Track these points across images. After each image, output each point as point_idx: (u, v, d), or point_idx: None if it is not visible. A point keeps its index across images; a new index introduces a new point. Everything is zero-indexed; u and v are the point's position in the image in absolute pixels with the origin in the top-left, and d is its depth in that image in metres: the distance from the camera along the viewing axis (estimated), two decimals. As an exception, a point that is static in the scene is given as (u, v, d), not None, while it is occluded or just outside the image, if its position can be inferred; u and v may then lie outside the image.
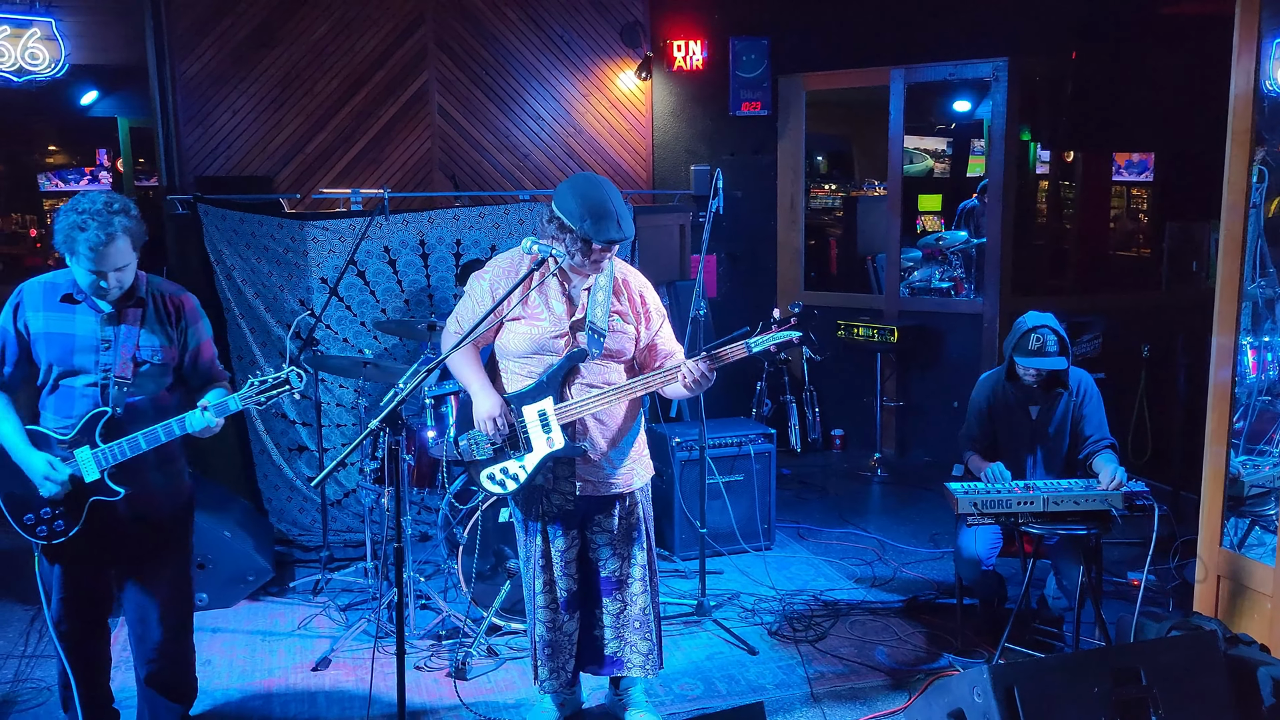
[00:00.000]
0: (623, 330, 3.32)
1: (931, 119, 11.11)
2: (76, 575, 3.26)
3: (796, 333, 3.11)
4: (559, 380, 3.28)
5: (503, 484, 3.34)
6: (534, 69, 7.00)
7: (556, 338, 3.28)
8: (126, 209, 3.01)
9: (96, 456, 3.08)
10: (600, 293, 3.30)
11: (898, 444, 7.34)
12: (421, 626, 4.46)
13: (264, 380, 3.09)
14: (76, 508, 3.12)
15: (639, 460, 3.46)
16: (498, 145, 6.97)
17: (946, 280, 8.33)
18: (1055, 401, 4.17)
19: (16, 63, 6.10)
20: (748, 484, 5.34)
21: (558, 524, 3.40)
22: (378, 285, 5.66)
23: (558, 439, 3.28)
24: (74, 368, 3.10)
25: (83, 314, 3.11)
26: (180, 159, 6.43)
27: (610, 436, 3.33)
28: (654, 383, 3.26)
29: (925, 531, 5.69)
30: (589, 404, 3.25)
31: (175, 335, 3.23)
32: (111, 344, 3.11)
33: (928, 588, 4.91)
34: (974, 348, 7.00)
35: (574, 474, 3.33)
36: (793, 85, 7.44)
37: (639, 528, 3.44)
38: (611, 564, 3.43)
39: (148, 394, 3.18)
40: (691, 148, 7.41)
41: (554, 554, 3.42)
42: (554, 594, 3.45)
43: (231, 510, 5.15)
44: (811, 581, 5.03)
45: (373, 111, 6.71)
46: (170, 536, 3.34)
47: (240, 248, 5.56)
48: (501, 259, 3.40)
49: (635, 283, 3.40)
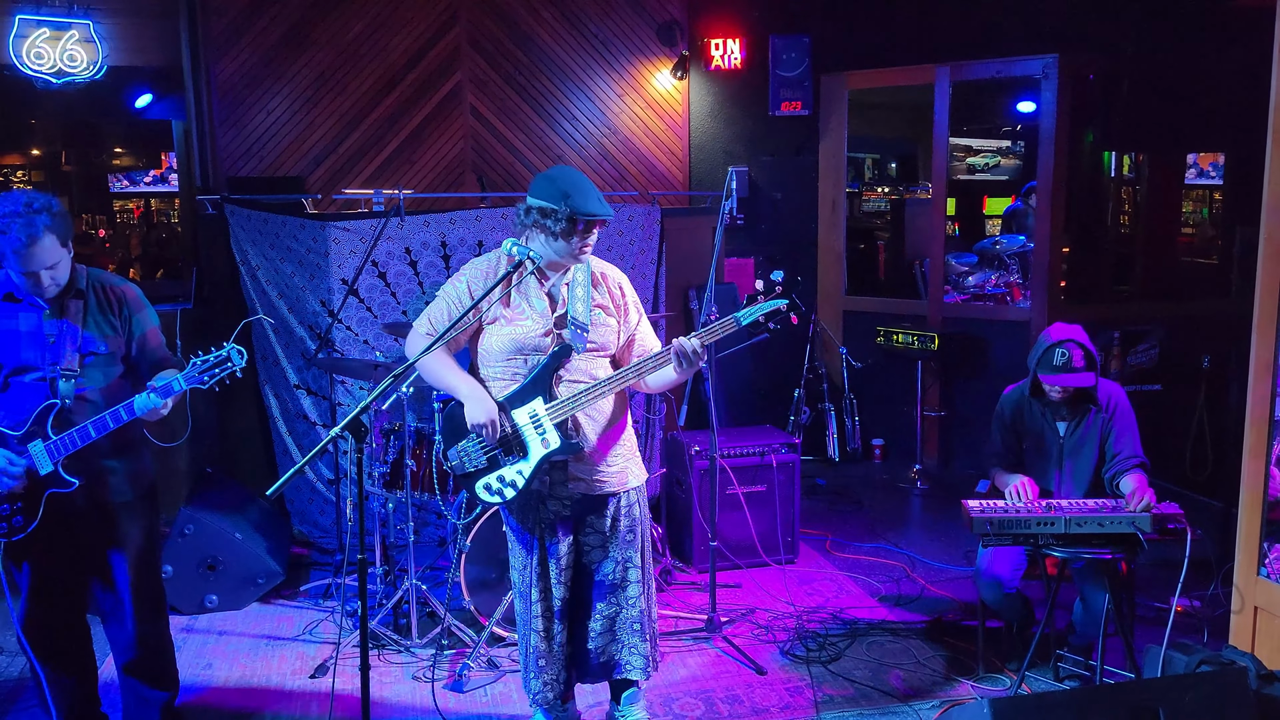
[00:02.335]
0: (605, 323, 3.26)
1: (998, 119, 10.77)
2: (43, 571, 3.28)
3: (782, 300, 3.08)
4: (547, 379, 3.17)
5: (500, 493, 3.24)
6: (568, 69, 6.90)
7: (543, 335, 3.19)
8: (48, 207, 3.04)
9: (49, 449, 3.10)
10: (580, 287, 3.22)
11: (940, 455, 7.07)
12: (426, 634, 4.37)
13: (205, 360, 3.10)
14: (33, 502, 3.14)
15: (631, 459, 3.37)
16: (531, 146, 6.89)
17: (1001, 285, 8.04)
18: (1084, 417, 3.92)
19: (55, 65, 6.18)
20: (770, 495, 5.15)
21: (554, 530, 3.28)
22: (399, 287, 5.61)
23: (553, 439, 3.17)
24: (22, 364, 3.14)
25: (25, 311, 3.16)
26: (215, 160, 6.47)
27: (602, 433, 3.24)
28: (646, 369, 3.17)
29: (959, 547, 5.44)
30: (581, 399, 3.15)
31: (119, 324, 3.27)
32: (56, 338, 3.15)
33: (954, 608, 4.68)
34: (1020, 356, 6.64)
35: (568, 476, 3.24)
36: (835, 84, 7.23)
37: (635, 529, 3.34)
38: (606, 566, 3.32)
39: (97, 385, 3.21)
40: (729, 149, 7.24)
41: (550, 562, 3.30)
42: (549, 603, 3.34)
43: (248, 511, 5.14)
44: (832, 598, 4.83)
45: (405, 112, 6.67)
46: (133, 523, 3.35)
47: (264, 248, 5.55)
48: (479, 261, 3.35)
49: (614, 276, 3.35)
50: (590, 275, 3.26)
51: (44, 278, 3.07)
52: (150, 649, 3.46)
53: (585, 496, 3.27)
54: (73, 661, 3.43)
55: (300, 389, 5.64)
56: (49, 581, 3.29)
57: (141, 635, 3.41)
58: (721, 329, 3.09)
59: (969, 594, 4.81)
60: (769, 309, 3.08)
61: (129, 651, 3.43)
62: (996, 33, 6.79)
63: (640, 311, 3.39)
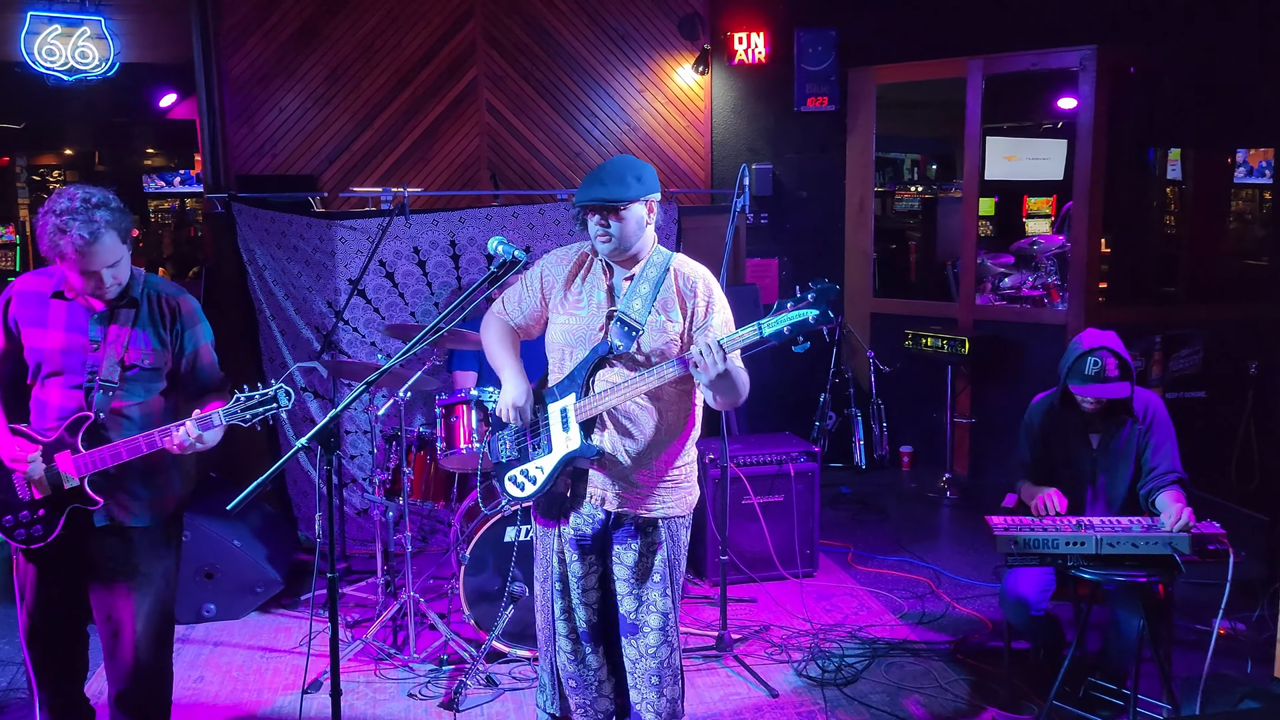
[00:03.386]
0: (662, 329, 2.91)
1: (1040, 116, 10.45)
2: (51, 583, 3.13)
3: (811, 311, 2.60)
4: (583, 375, 2.97)
5: (522, 486, 3.08)
6: (587, 64, 6.72)
7: (597, 330, 2.98)
8: (106, 202, 2.87)
9: (77, 463, 2.94)
10: (645, 284, 2.95)
11: (971, 464, 6.80)
12: (424, 649, 4.21)
13: (250, 397, 2.92)
14: (54, 515, 2.98)
15: (670, 487, 3.00)
16: (549, 144, 6.72)
17: (1038, 287, 7.76)
18: (1118, 428, 3.67)
19: (68, 61, 6.10)
20: (787, 505, 4.94)
21: (574, 544, 3.07)
22: (406, 287, 5.46)
23: (574, 438, 2.97)
24: (60, 368, 2.97)
25: (73, 312, 2.98)
26: (226, 158, 6.37)
27: (633, 446, 2.95)
28: (667, 373, 2.82)
29: (989, 563, 5.18)
30: (607, 399, 2.92)
31: (169, 338, 3.07)
32: (100, 344, 2.97)
33: (980, 628, 4.44)
34: (1056, 361, 6.39)
35: (590, 487, 3.01)
36: (862, 79, 6.99)
37: (661, 570, 2.98)
38: (627, 604, 3.03)
39: (136, 400, 3.03)
40: (753, 146, 7.02)
41: (571, 579, 3.10)
42: (574, 624, 3.12)
43: (248, 518, 5.01)
44: (852, 615, 4.60)
45: (419, 109, 6.53)
46: (151, 554, 3.13)
47: (271, 247, 5.42)
48: (558, 250, 3.15)
49: (691, 274, 2.97)
50: (665, 272, 2.95)
51: (105, 277, 2.89)
52: (145, 684, 3.20)
53: (609, 515, 3.02)
54: (64, 673, 3.26)
55: (307, 391, 5.50)
56: (53, 595, 3.12)
57: (139, 669, 3.16)
58: (744, 337, 2.71)
59: (996, 613, 4.56)
60: (794, 320, 2.62)
61: (123, 683, 3.18)
62: (1031, 23, 6.51)
63: (713, 312, 2.95)
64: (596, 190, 2.87)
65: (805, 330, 2.63)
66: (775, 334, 2.65)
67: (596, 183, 2.89)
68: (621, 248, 2.91)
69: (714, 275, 3.05)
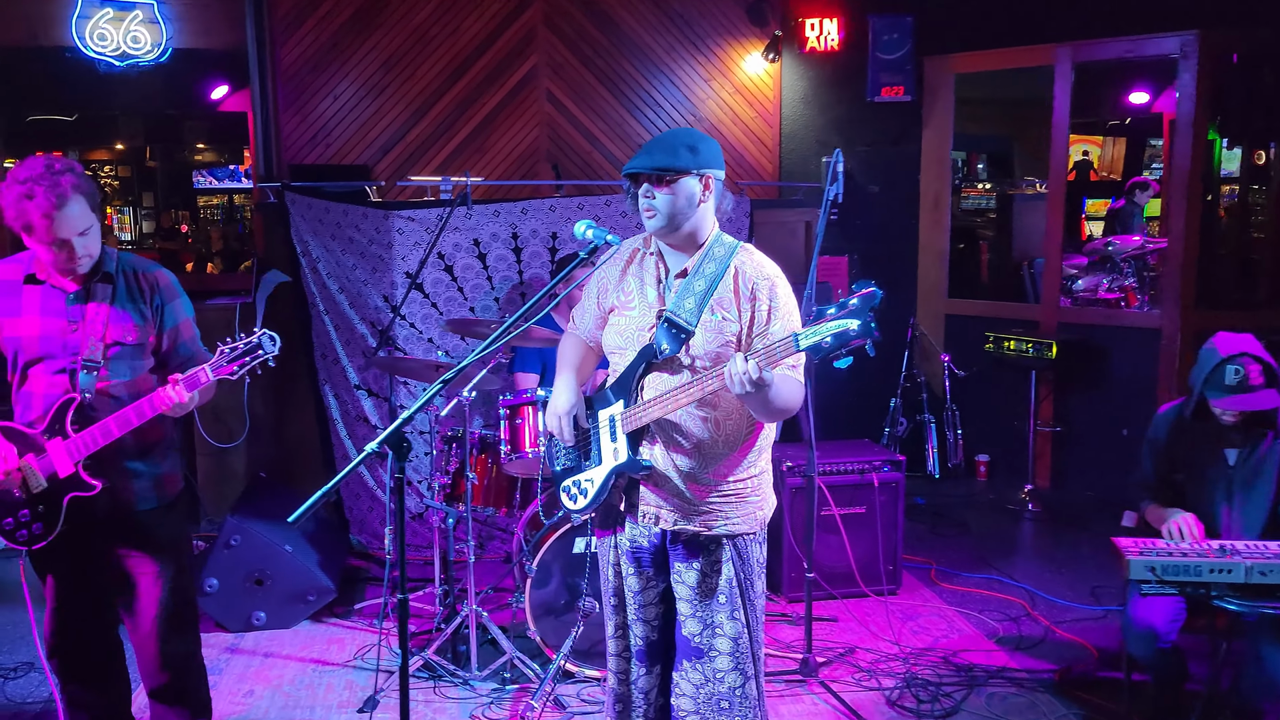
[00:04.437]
0: (718, 329, 2.59)
1: (1103, 113, 10.03)
2: (67, 585, 2.97)
3: (853, 321, 2.24)
4: (630, 380, 2.70)
5: (575, 498, 2.84)
6: (651, 51, 6.43)
7: (642, 330, 2.70)
8: (71, 168, 2.76)
9: (69, 447, 2.79)
10: (700, 280, 2.63)
11: (1053, 475, 6.43)
12: (486, 666, 3.94)
13: (234, 347, 2.79)
14: (54, 507, 2.83)
15: (734, 502, 2.69)
16: (610, 135, 6.44)
17: (1115, 289, 7.38)
18: (1259, 443, 3.32)
19: (119, 46, 5.92)
20: (870, 518, 4.62)
21: (631, 557, 2.80)
22: (466, 281, 5.20)
23: (621, 451, 2.70)
24: (40, 354, 2.84)
25: (47, 295, 2.86)
26: (279, 147, 6.16)
27: (684, 461, 2.66)
28: (708, 385, 2.50)
29: (1085, 583, 4.84)
30: (652, 410, 2.63)
31: (150, 313, 2.95)
32: (79, 324, 2.84)
33: (1086, 656, 4.09)
34: (1148, 367, 6.05)
35: (643, 501, 2.73)
36: (940, 67, 6.64)
37: (727, 591, 2.68)
38: (691, 625, 2.74)
39: (122, 378, 2.90)
40: (823, 138, 6.70)
41: (627, 594, 2.83)
42: (626, 640, 2.86)
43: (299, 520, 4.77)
44: (943, 638, 4.27)
45: (477, 98, 6.28)
46: (158, 533, 3.00)
47: (325, 239, 5.19)
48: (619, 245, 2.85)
49: (753, 271, 2.62)
50: (725, 269, 2.62)
51: (77, 246, 2.75)
52: (177, 670, 3.10)
53: (666, 532, 2.74)
54: (98, 683, 3.10)
55: (361, 390, 5.26)
56: (72, 596, 2.97)
57: (166, 656, 3.05)
58: (780, 350, 2.39)
59: (1102, 639, 4.22)
60: (835, 330, 2.27)
61: (154, 676, 3.08)
62: (1125, 7, 6.12)
63: (776, 317, 2.61)
64: (642, 158, 2.60)
65: (847, 342, 2.28)
66: (814, 347, 2.31)
67: (645, 152, 2.62)
68: (669, 226, 2.61)
69: (797, 273, 2.74)
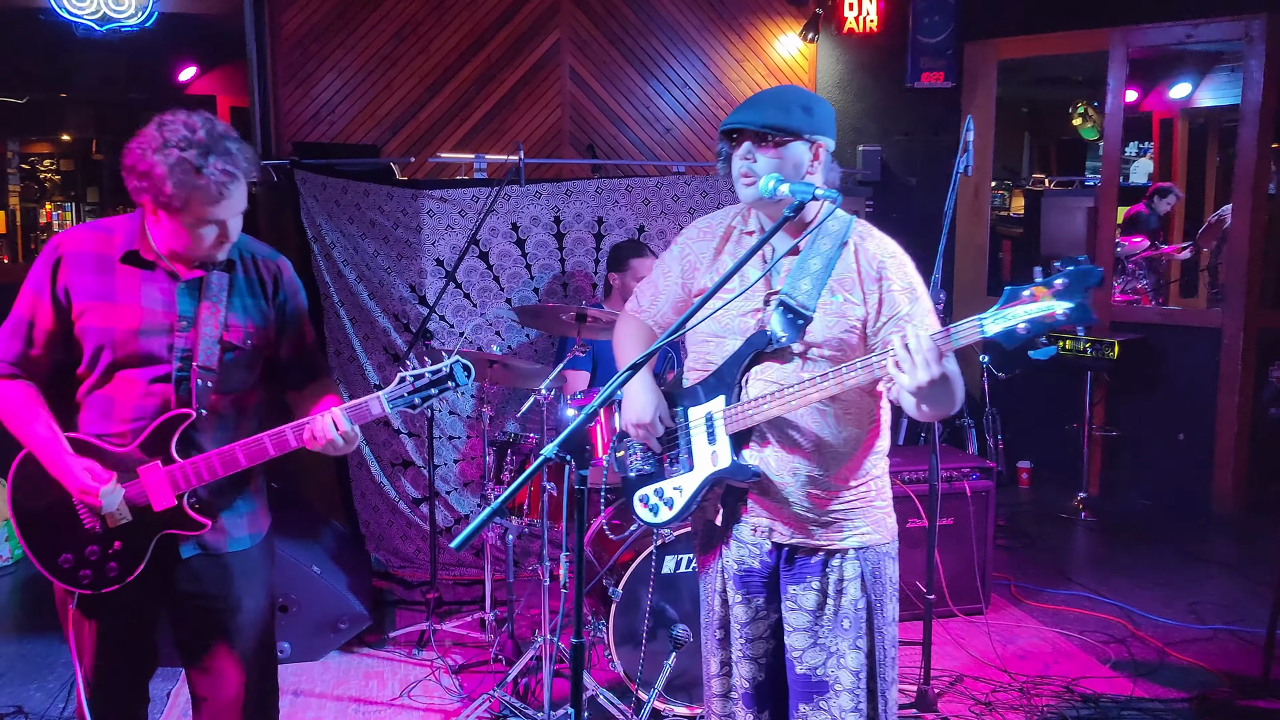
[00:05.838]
0: (840, 312, 2.22)
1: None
2: (116, 637, 2.37)
3: (1062, 304, 1.84)
4: (733, 373, 2.26)
5: (655, 509, 2.40)
6: (681, 29, 5.99)
7: (745, 315, 2.28)
8: (229, 131, 2.18)
9: (173, 476, 2.23)
10: (815, 259, 2.23)
11: (1103, 482, 6.11)
12: (557, 702, 3.44)
13: (419, 375, 2.27)
14: (138, 547, 2.25)
15: (861, 508, 2.29)
16: (636, 117, 5.98)
17: (1128, 291, 7.17)
18: None
19: (99, 9, 5.33)
20: (960, 530, 4.22)
21: (738, 582, 2.36)
22: (502, 270, 4.70)
23: (723, 455, 2.27)
24: (138, 353, 2.22)
25: (152, 280, 2.25)
26: (278, 123, 5.59)
27: (804, 465, 2.23)
28: (850, 377, 2.09)
29: (1179, 599, 4.49)
30: (767, 407, 2.20)
31: (271, 311, 2.37)
32: (192, 322, 2.24)
33: (1214, 681, 3.73)
34: (1207, 368, 5.76)
35: (751, 513, 2.30)
36: (982, 52, 6.31)
37: (852, 615, 2.28)
38: (810, 657, 2.29)
39: (231, 393, 2.33)
40: (859, 125, 6.32)
41: (733, 625, 2.39)
42: (729, 681, 2.42)
43: (321, 538, 4.24)
44: (1052, 663, 3.88)
45: (495, 74, 5.78)
46: (252, 582, 2.44)
47: (342, 222, 4.65)
48: (704, 217, 2.46)
49: (876, 248, 2.27)
50: (841, 246, 2.26)
51: (231, 229, 2.19)
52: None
53: (779, 548, 2.31)
54: None
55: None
56: (122, 645, 2.38)
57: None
58: (961, 335, 1.95)
59: (1223, 662, 3.88)
60: (1035, 315, 1.87)
61: None
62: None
63: (914, 300, 2.24)
64: (749, 112, 2.20)
65: (1051, 328, 1.88)
66: (1006, 334, 1.90)
67: (750, 106, 2.22)
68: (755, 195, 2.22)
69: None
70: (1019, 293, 1.90)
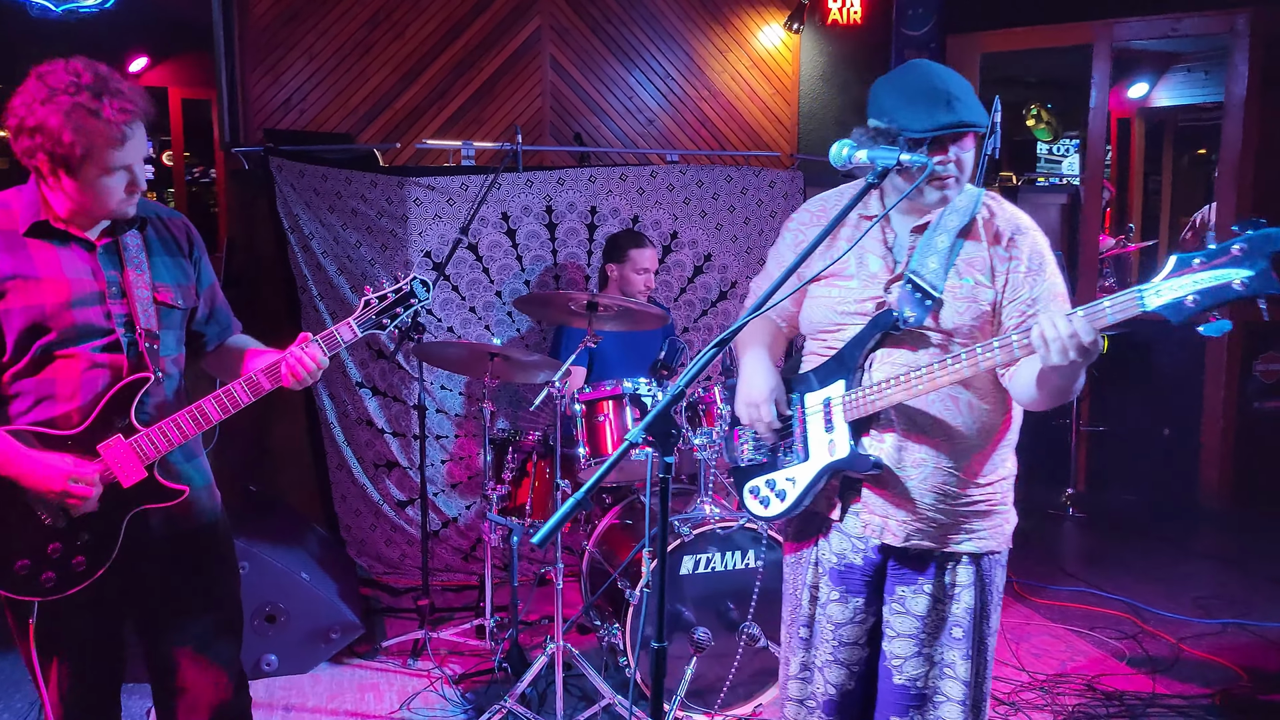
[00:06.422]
0: (971, 297, 2.08)
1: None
2: (89, 634, 2.17)
3: (1240, 272, 1.63)
4: (855, 356, 2.13)
5: (765, 501, 2.27)
6: (663, 17, 5.85)
7: (864, 301, 2.14)
8: (115, 73, 2.03)
9: (139, 446, 2.06)
10: (941, 235, 2.10)
11: (1089, 477, 6.08)
12: (577, 714, 3.27)
13: (382, 295, 2.20)
14: (106, 532, 2.07)
15: (984, 510, 2.15)
16: (619, 107, 5.82)
17: (1099, 290, 7.20)
18: None
19: (56, -13, 5.04)
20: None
21: (836, 578, 2.22)
22: (492, 261, 4.52)
23: (841, 444, 2.13)
24: (75, 326, 2.04)
25: (68, 250, 2.07)
26: (246, 110, 5.33)
27: (929, 456, 2.10)
28: (985, 359, 1.94)
29: (1182, 593, 4.45)
30: (890, 393, 2.05)
31: (192, 269, 2.25)
32: (120, 287, 2.09)
33: (1233, 677, 3.67)
34: (1192, 363, 5.76)
35: (864, 507, 2.16)
36: (965, 46, 6.26)
37: (965, 623, 2.14)
38: (911, 667, 2.16)
39: (171, 353, 2.20)
40: (843, 119, 6.22)
41: (822, 625, 2.24)
42: (810, 687, 2.28)
43: (306, 542, 4.02)
44: (1069, 661, 3.80)
45: (474, 62, 5.57)
46: (224, 559, 2.32)
47: (321, 211, 4.43)
48: (816, 198, 2.33)
49: (1009, 224, 2.13)
50: (970, 221, 2.13)
51: (138, 175, 2.03)
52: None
53: (890, 548, 2.17)
54: None
55: (365, 388, 4.50)
56: (94, 646, 2.18)
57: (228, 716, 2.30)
58: (1117, 310, 1.78)
59: (1239, 657, 3.83)
60: (1209, 286, 1.66)
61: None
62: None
63: (1045, 279, 2.10)
64: (960, 110, 2.03)
65: (1226, 300, 1.66)
66: (1171, 306, 1.70)
67: (940, 102, 2.05)
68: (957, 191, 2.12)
69: None
70: (1189, 260, 1.70)
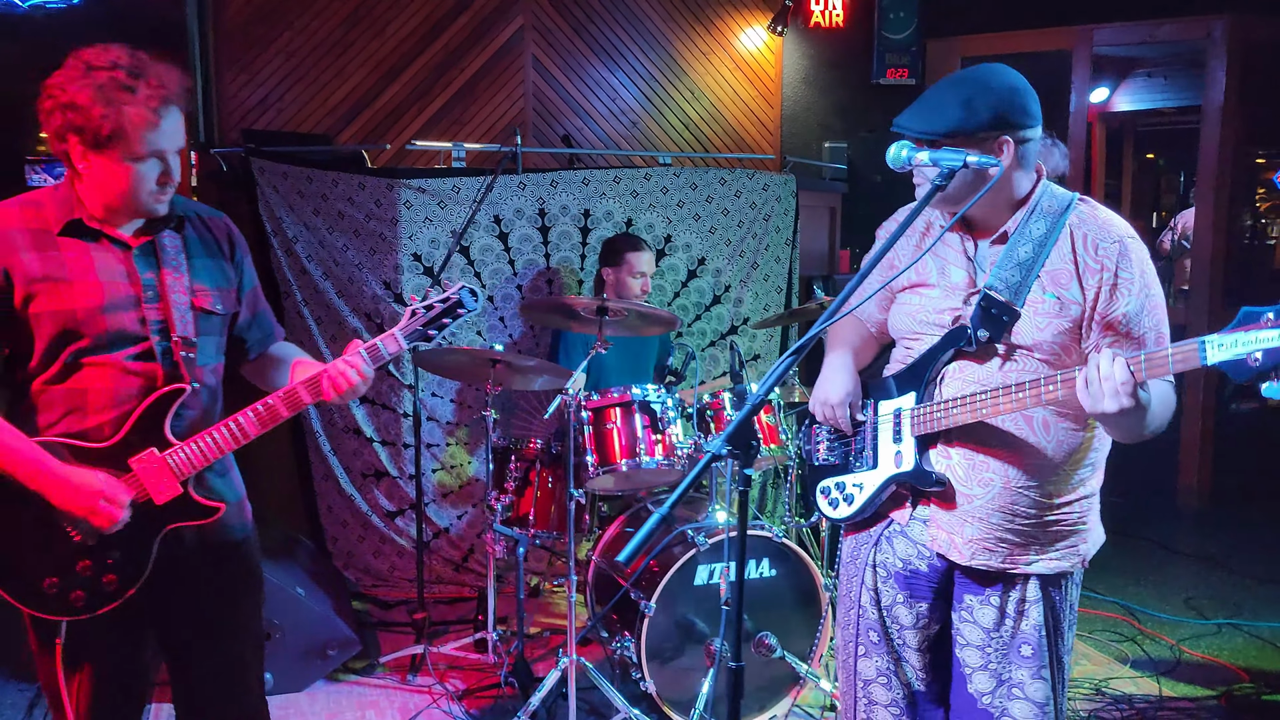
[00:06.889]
0: (1053, 313, 1.96)
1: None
2: (116, 657, 2.08)
3: None
4: (925, 369, 2.08)
5: (835, 503, 2.25)
6: (646, 18, 5.79)
7: (941, 313, 2.09)
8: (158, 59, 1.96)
9: (173, 460, 1.96)
10: (1025, 245, 1.98)
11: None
12: (579, 728, 3.20)
13: (429, 305, 2.07)
14: (138, 550, 1.97)
15: (1058, 532, 2.05)
16: (602, 109, 5.75)
17: None
18: None
19: (21, -19, 4.84)
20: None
21: (902, 583, 2.16)
22: (484, 265, 4.42)
23: (907, 456, 2.09)
24: (108, 332, 1.93)
25: (102, 251, 1.97)
26: (221, 110, 5.19)
27: (996, 478, 2.01)
28: (1047, 393, 1.84)
29: (1173, 594, 4.49)
30: (956, 413, 1.99)
31: (233, 272, 2.15)
32: (158, 292, 1.98)
33: (1235, 678, 3.70)
34: (1171, 365, 5.81)
35: (929, 519, 2.10)
36: (944, 50, 6.27)
37: (1035, 641, 2.06)
38: (980, 681, 2.10)
39: (210, 363, 2.09)
40: (825, 121, 6.22)
41: (893, 628, 2.18)
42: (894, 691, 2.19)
43: (297, 555, 3.90)
44: (1073, 665, 3.80)
45: (455, 62, 5.47)
46: (252, 577, 2.25)
47: (306, 214, 4.31)
48: (903, 209, 2.27)
49: (1096, 231, 1.97)
50: (1059, 228, 1.99)
51: (174, 168, 1.93)
52: None
53: (956, 565, 2.10)
54: None
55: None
56: (119, 667, 2.08)
57: None
58: (1171, 359, 1.67)
59: (1235, 655, 3.88)
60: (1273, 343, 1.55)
61: None
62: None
63: (1134, 302, 1.94)
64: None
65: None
66: (1232, 364, 1.58)
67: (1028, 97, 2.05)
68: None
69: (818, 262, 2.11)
70: (1256, 315, 1.57)
